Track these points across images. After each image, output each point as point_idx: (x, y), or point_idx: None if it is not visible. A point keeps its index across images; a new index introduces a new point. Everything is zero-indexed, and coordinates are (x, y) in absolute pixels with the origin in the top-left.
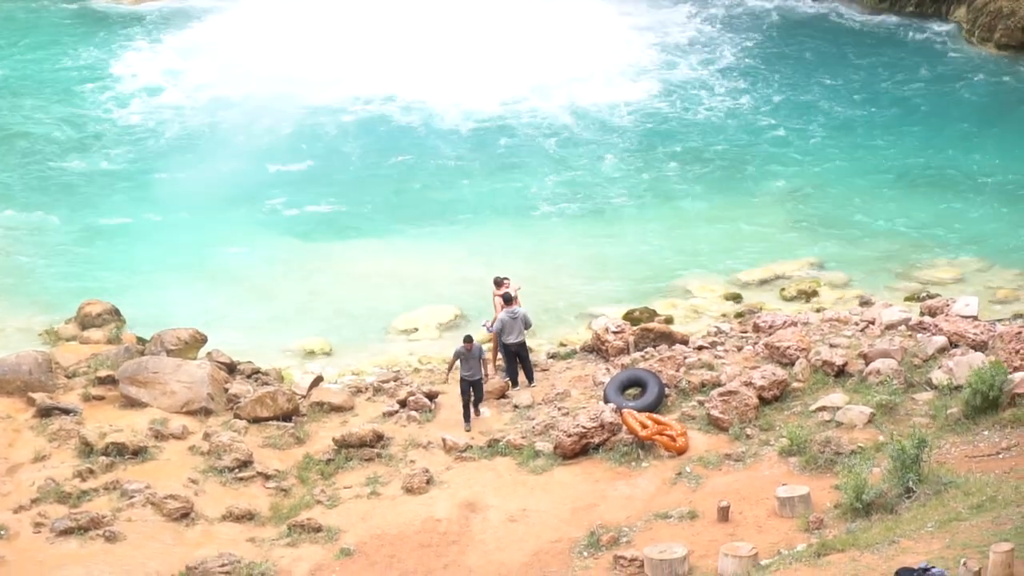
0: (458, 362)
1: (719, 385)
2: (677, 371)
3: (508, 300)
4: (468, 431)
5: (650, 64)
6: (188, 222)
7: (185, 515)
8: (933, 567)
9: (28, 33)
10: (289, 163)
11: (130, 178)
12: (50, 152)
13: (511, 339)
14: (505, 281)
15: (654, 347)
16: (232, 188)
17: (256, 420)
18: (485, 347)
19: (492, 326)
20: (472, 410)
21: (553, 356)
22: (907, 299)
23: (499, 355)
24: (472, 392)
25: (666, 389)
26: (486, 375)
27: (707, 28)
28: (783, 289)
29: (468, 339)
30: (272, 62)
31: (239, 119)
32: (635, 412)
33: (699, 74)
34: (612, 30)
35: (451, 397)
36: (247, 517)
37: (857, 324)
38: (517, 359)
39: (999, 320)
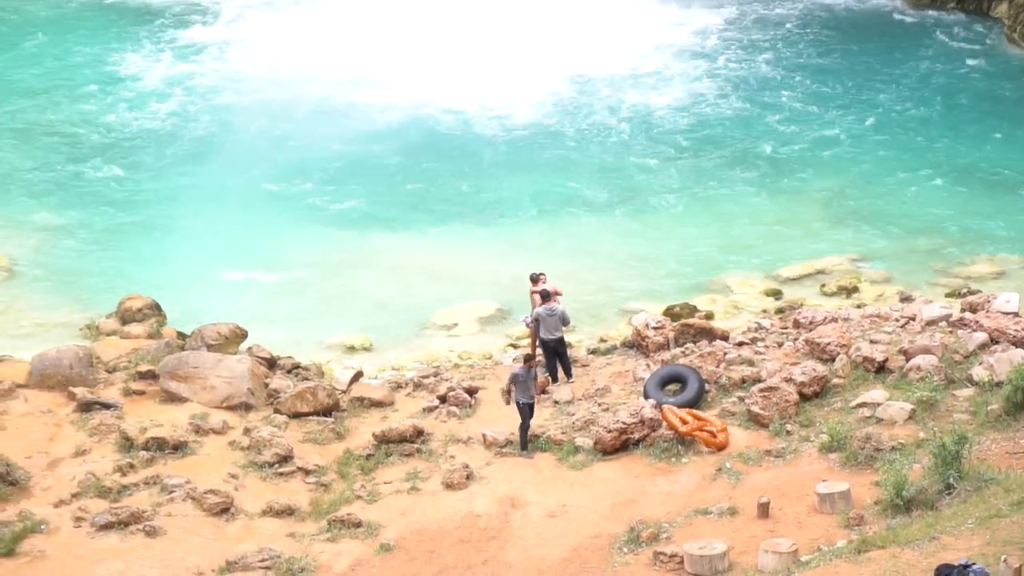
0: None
1: (759, 381)
2: (717, 367)
3: (546, 296)
4: (531, 459)
5: (692, 63)
6: (227, 218)
7: (225, 510)
8: (974, 564)
9: (49, 31)
10: (329, 160)
11: (166, 175)
12: (82, 152)
13: (549, 336)
14: (541, 277)
15: (694, 343)
16: (271, 185)
17: (296, 415)
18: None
19: (530, 321)
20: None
21: (593, 352)
22: (948, 295)
23: (538, 351)
24: (530, 416)
25: (706, 385)
26: (536, 395)
27: (752, 27)
28: (823, 285)
29: (528, 358)
30: (312, 60)
31: (276, 116)
32: (675, 408)
33: (742, 72)
34: (656, 29)
35: (491, 393)
36: (287, 512)
37: (898, 320)
38: (556, 355)
39: None
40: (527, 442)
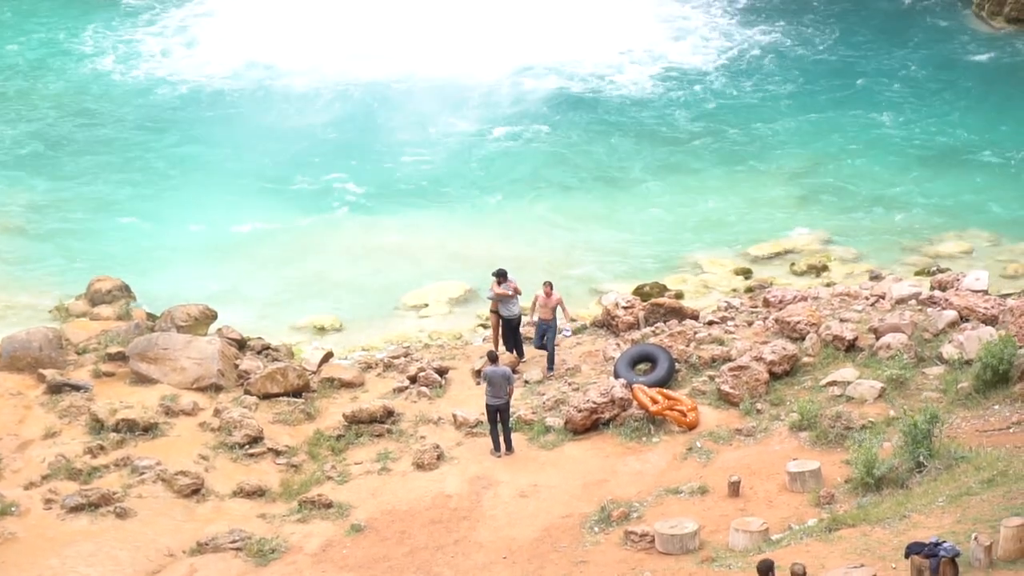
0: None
1: (729, 360)
2: (687, 346)
3: (502, 276)
4: (499, 456)
5: (665, 42)
6: (198, 199)
7: (196, 491)
8: (944, 541)
9: (30, 11)
10: (298, 140)
11: (140, 155)
12: (57, 130)
13: (510, 314)
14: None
15: (664, 322)
16: (241, 165)
17: (266, 396)
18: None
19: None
20: (503, 442)
21: (563, 331)
22: (917, 273)
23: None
24: (500, 419)
25: (676, 364)
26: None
27: (717, 6)
28: (793, 264)
29: (493, 356)
30: (287, 38)
31: (249, 96)
32: (645, 387)
33: (709, 52)
34: (628, 9)
35: (462, 373)
36: (258, 493)
37: (867, 298)
38: (515, 332)
39: (1009, 294)
40: (498, 444)
